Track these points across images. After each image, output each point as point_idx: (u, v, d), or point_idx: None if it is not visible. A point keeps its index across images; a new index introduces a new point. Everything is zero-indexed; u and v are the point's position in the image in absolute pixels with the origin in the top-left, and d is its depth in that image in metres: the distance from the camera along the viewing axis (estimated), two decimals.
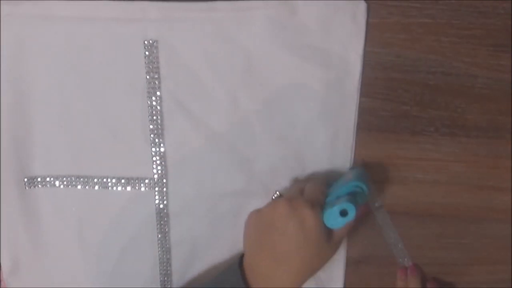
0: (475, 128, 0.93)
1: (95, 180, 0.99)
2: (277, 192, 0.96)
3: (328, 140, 0.95)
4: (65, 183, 1.00)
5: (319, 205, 0.85)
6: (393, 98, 0.93)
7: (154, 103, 0.95)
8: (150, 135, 0.97)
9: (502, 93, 0.91)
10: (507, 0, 0.86)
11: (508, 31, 0.87)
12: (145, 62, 0.93)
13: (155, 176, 0.99)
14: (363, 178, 0.89)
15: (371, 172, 0.97)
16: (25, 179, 1.00)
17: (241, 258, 0.91)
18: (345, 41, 0.90)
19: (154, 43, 0.92)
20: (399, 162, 0.96)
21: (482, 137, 0.94)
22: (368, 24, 0.89)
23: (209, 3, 0.89)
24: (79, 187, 1.00)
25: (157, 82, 0.94)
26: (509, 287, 0.88)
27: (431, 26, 0.88)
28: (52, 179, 1.00)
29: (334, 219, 0.83)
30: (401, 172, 0.97)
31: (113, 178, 0.99)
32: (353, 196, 0.85)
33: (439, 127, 0.94)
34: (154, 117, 0.96)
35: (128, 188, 1.00)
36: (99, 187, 1.00)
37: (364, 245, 1.02)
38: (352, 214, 0.82)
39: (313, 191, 0.88)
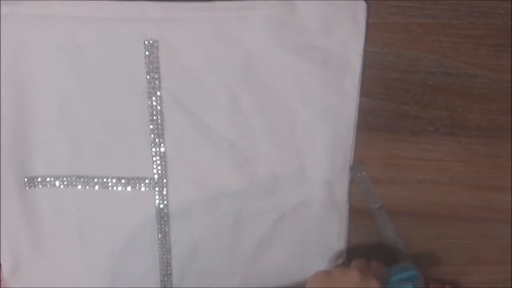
0: (475, 128, 0.93)
1: (95, 180, 0.99)
2: (342, 261, 0.97)
3: (328, 140, 0.95)
4: (65, 183, 0.99)
5: (385, 282, 0.88)
6: (393, 98, 0.92)
7: (154, 103, 0.94)
8: (150, 135, 0.96)
9: (502, 93, 0.91)
10: (507, 0, 0.85)
11: (508, 31, 0.87)
12: (145, 62, 0.92)
13: (155, 176, 0.99)
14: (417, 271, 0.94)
15: (371, 172, 0.96)
16: (25, 179, 0.99)
17: None
18: (345, 40, 0.90)
19: (154, 43, 0.91)
20: (399, 162, 0.96)
21: (482, 137, 0.94)
22: (368, 24, 0.88)
23: (209, 3, 0.88)
24: (79, 187, 0.99)
25: (157, 82, 0.93)
26: (509, 287, 0.87)
27: (431, 26, 0.87)
28: (52, 179, 0.99)
29: None
30: (401, 172, 0.97)
31: (113, 178, 0.99)
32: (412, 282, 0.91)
33: (439, 127, 0.94)
34: (154, 117, 0.95)
35: (128, 188, 0.99)
36: (99, 187, 1.00)
37: (364, 245, 1.01)
38: None
39: (379, 269, 0.90)
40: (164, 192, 1.00)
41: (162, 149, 0.97)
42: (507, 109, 0.92)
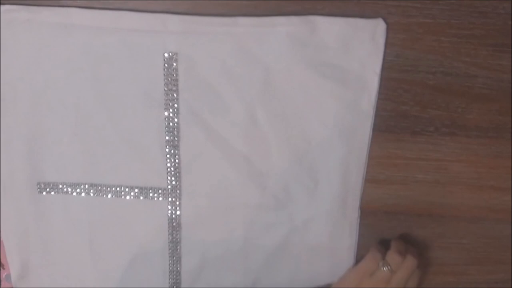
0: (475, 128, 0.89)
1: (108, 188, 0.94)
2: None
3: (342, 157, 0.90)
4: (77, 190, 0.94)
5: None
6: (393, 98, 0.88)
7: (171, 114, 0.89)
8: (166, 146, 0.91)
9: (502, 93, 0.86)
10: (507, 0, 0.81)
11: (508, 31, 0.83)
12: (164, 74, 0.87)
13: (169, 186, 0.93)
14: None
15: (371, 172, 0.92)
16: (38, 185, 0.95)
17: None
18: (363, 60, 0.85)
19: (174, 56, 0.87)
20: (399, 162, 0.91)
21: (482, 137, 0.89)
22: None
23: (231, 18, 0.84)
24: (91, 194, 0.94)
25: (175, 94, 0.88)
26: (509, 287, 0.79)
27: (431, 26, 0.83)
28: (65, 185, 0.95)
29: None
30: (401, 172, 0.92)
31: (126, 187, 0.94)
32: None
33: (439, 127, 0.89)
34: (171, 129, 0.90)
35: (141, 198, 0.94)
36: (112, 196, 0.94)
37: (365, 245, 0.96)
38: None
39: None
40: (177, 203, 0.94)
41: (177, 160, 0.92)
42: (507, 109, 0.87)
